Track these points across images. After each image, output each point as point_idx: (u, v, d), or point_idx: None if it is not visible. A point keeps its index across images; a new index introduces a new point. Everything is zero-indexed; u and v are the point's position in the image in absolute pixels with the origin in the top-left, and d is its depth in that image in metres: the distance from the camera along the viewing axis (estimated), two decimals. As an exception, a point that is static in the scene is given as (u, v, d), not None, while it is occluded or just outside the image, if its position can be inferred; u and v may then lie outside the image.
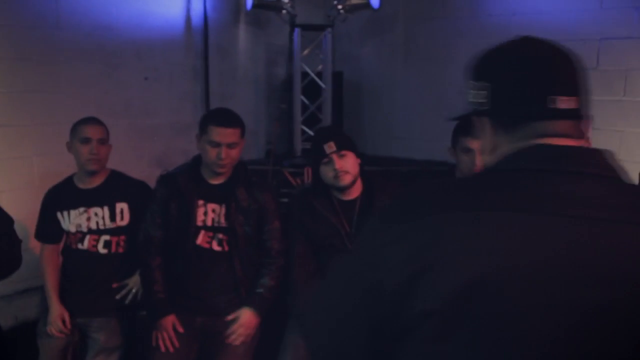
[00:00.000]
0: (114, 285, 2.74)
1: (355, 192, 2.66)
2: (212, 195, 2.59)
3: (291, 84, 4.47)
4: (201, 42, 4.35)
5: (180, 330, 2.57)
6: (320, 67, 4.49)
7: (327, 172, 2.58)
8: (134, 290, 2.76)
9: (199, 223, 2.58)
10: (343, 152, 2.55)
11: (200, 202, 2.59)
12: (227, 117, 2.57)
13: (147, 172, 3.50)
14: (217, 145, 2.50)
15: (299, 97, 4.38)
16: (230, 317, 2.60)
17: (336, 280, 1.06)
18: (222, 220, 2.58)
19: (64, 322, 2.64)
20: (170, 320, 2.57)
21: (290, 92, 4.52)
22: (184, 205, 2.58)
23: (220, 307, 2.61)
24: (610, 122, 3.70)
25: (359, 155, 2.65)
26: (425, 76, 4.61)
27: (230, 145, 2.51)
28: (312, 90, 4.51)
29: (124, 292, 2.75)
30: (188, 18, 4.28)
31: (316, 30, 4.38)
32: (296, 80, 4.34)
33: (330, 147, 2.54)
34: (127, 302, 2.75)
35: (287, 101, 4.67)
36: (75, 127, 2.70)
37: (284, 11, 4.32)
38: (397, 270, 0.91)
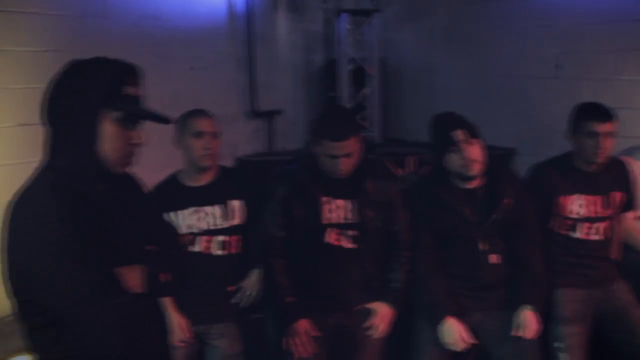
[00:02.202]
0: (231, 289, 2.59)
1: (479, 180, 2.59)
2: (338, 190, 2.47)
3: (334, 71, 4.35)
4: (244, 29, 4.18)
5: (314, 333, 2.45)
6: (361, 54, 4.39)
7: (455, 161, 2.50)
8: (249, 293, 2.61)
9: (326, 221, 2.46)
10: (472, 140, 2.48)
11: (325, 199, 2.46)
12: (340, 130, 2.36)
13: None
14: (334, 157, 2.37)
15: (346, 85, 4.26)
16: (361, 308, 2.51)
17: None
18: (351, 216, 2.46)
19: (183, 329, 2.47)
20: (303, 325, 2.45)
21: (332, 79, 4.41)
22: (308, 203, 2.45)
23: (353, 304, 2.51)
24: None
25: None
26: (468, 61, 4.57)
27: (347, 155, 2.38)
28: (354, 77, 4.40)
29: (240, 295, 2.60)
30: (230, 5, 4.10)
31: (363, 16, 4.27)
32: (342, 67, 4.23)
33: (459, 135, 2.46)
34: (243, 305, 2.60)
35: (325, 89, 4.57)
36: (185, 121, 2.51)
37: (330, -4, 4.20)
38: None
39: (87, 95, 1.46)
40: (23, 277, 1.41)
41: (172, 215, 2.54)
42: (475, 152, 2.48)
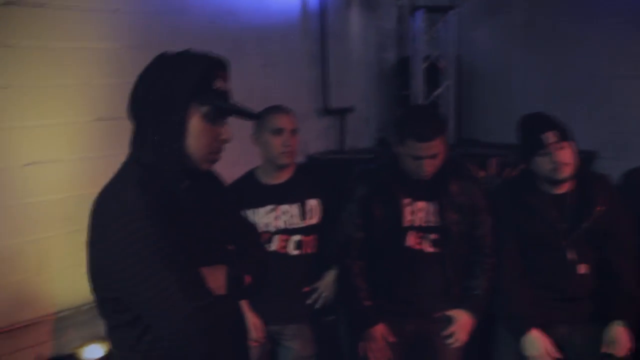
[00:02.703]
0: (306, 289, 2.54)
1: (568, 185, 2.44)
2: (420, 192, 2.38)
3: (407, 69, 4.24)
4: (317, 26, 4.12)
5: (391, 339, 2.37)
6: (436, 51, 4.26)
7: (544, 164, 2.36)
8: (324, 294, 2.55)
9: (407, 223, 2.37)
10: (563, 143, 2.34)
11: (407, 200, 2.37)
12: (427, 130, 2.26)
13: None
14: (419, 158, 2.28)
15: (421, 83, 4.15)
16: (440, 315, 2.42)
17: None
18: (433, 219, 2.37)
19: (257, 329, 2.44)
20: (379, 330, 2.37)
21: (404, 77, 4.31)
22: (389, 204, 2.37)
23: (432, 310, 2.42)
24: None
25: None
26: (548, 59, 4.36)
27: (433, 156, 2.28)
28: (427, 75, 4.28)
29: (315, 296, 2.54)
30: (304, 1, 4.05)
31: (439, 12, 4.14)
32: (417, 65, 4.11)
33: (550, 137, 2.32)
34: (317, 306, 2.54)
35: (398, 87, 4.47)
36: (264, 117, 2.47)
37: (404, -8, 4.09)
38: None
39: (177, 89, 1.43)
40: (106, 275, 1.38)
41: (248, 213, 2.50)
42: (566, 155, 2.34)
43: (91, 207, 1.43)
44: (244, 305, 2.43)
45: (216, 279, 1.46)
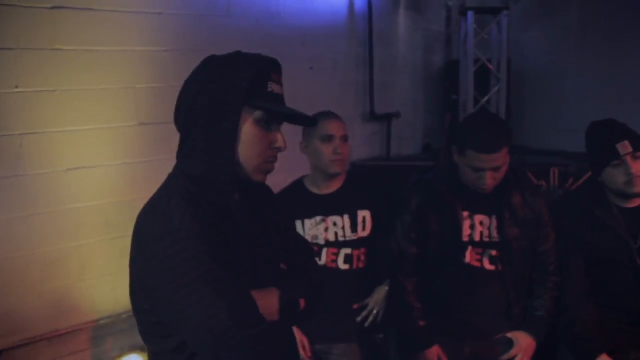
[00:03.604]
0: (355, 306, 2.41)
1: (638, 197, 2.26)
2: (480, 205, 2.22)
3: (454, 72, 4.09)
4: (364, 28, 4.01)
5: (447, 361, 2.23)
6: (487, 55, 4.09)
7: (616, 177, 2.19)
8: (375, 311, 2.42)
9: (465, 238, 2.22)
10: (639, 154, 2.16)
11: (465, 213, 2.22)
12: (490, 140, 2.07)
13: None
14: (481, 170, 2.11)
15: (471, 87, 3.99)
16: (500, 337, 2.26)
17: None
18: (495, 234, 2.21)
19: (304, 348, 2.32)
20: (434, 352, 2.24)
21: (452, 81, 4.15)
22: (447, 217, 2.22)
23: (491, 331, 2.26)
24: None
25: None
26: (605, 61, 4.16)
27: (495, 169, 2.11)
28: (477, 78, 4.11)
29: (365, 313, 2.41)
30: (351, 3, 3.94)
31: (490, 14, 3.97)
32: (468, 69, 3.95)
33: (625, 147, 2.15)
34: (367, 324, 2.41)
35: (446, 91, 4.31)
36: None
37: (455, -6, 3.94)
38: None
39: (229, 92, 1.31)
40: (150, 298, 1.27)
41: (296, 224, 2.40)
42: None
43: (135, 223, 1.33)
44: (291, 322, 2.32)
45: (269, 304, 1.34)
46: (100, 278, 2.90)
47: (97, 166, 2.83)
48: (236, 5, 3.37)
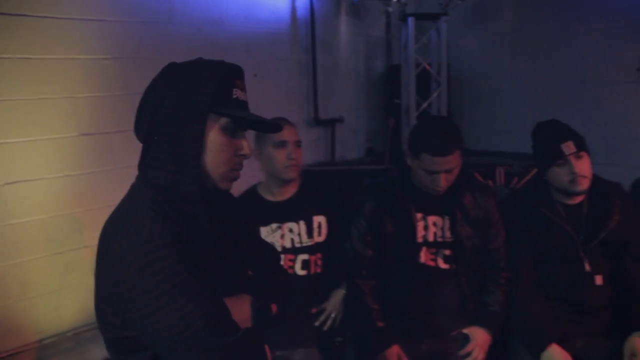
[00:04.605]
0: (313, 311, 2.41)
1: (581, 195, 2.36)
2: (432, 206, 2.27)
3: (395, 77, 4.16)
4: (306, 35, 4.03)
5: (406, 360, 2.26)
6: (427, 59, 4.19)
7: (561, 175, 2.28)
8: (333, 315, 2.42)
9: (420, 239, 2.26)
10: (582, 153, 2.26)
11: (419, 215, 2.26)
12: (443, 143, 2.13)
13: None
14: (434, 172, 2.16)
15: (413, 91, 4.06)
16: (456, 333, 2.32)
17: None
18: (448, 233, 2.26)
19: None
20: (394, 352, 2.26)
21: (393, 86, 4.23)
22: (401, 219, 2.25)
23: (448, 328, 2.31)
24: None
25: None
26: (537, 66, 4.33)
27: (448, 171, 2.17)
28: (418, 83, 4.20)
29: (323, 317, 2.41)
30: (293, 10, 3.95)
31: (429, 19, 4.07)
32: (410, 73, 4.02)
33: (569, 147, 2.24)
34: (325, 328, 2.41)
35: (387, 95, 4.38)
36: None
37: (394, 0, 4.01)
38: None
39: (195, 99, 1.29)
40: (119, 312, 1.23)
41: (251, 231, 2.37)
42: (584, 166, 2.26)
43: (100, 236, 1.29)
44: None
45: (241, 310, 1.33)
46: (42, 296, 2.78)
47: (37, 179, 2.73)
48: (178, 12, 3.31)
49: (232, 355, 1.22)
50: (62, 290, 2.88)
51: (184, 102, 1.29)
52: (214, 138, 1.31)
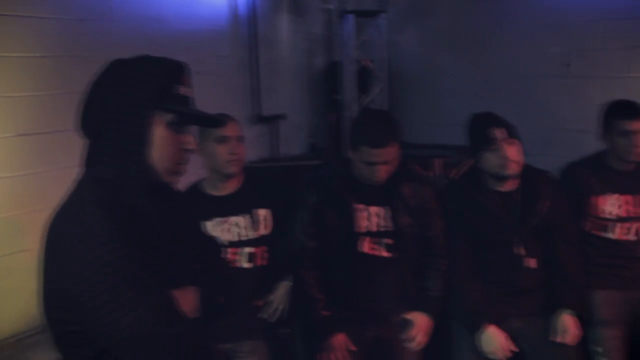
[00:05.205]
0: (259, 303, 2.44)
1: (513, 182, 2.49)
2: (373, 197, 2.35)
3: (337, 73, 4.23)
4: (247, 32, 4.05)
5: (352, 348, 2.32)
6: (366, 56, 4.28)
7: (492, 160, 2.40)
8: (278, 307, 2.46)
9: (362, 229, 2.33)
10: (512, 140, 2.39)
11: (360, 206, 2.34)
12: (380, 136, 2.22)
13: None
14: (372, 164, 2.25)
15: (352, 87, 4.14)
16: (398, 319, 2.40)
17: None
18: (387, 223, 2.35)
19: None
20: (340, 339, 2.32)
21: (335, 82, 4.30)
22: (341, 210, 2.33)
23: (390, 314, 2.40)
24: None
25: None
26: (473, 61, 4.49)
27: (386, 162, 2.26)
28: (358, 79, 4.29)
29: (268, 309, 2.45)
30: (234, 7, 3.97)
31: (367, 16, 4.16)
32: (350, 70, 4.10)
33: (500, 133, 2.37)
34: (271, 320, 2.46)
35: (329, 92, 4.45)
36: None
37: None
38: None
39: (136, 95, 1.31)
40: (68, 307, 1.24)
41: (196, 226, 2.39)
42: (513, 151, 2.39)
43: (47, 234, 1.29)
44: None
45: (188, 301, 1.36)
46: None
47: (-27, 182, 2.66)
48: (117, 9, 3.28)
49: (182, 345, 1.25)
50: (2, 296, 2.81)
51: (128, 98, 1.31)
52: (159, 133, 1.34)
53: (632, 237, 2.68)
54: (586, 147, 2.90)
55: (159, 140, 1.34)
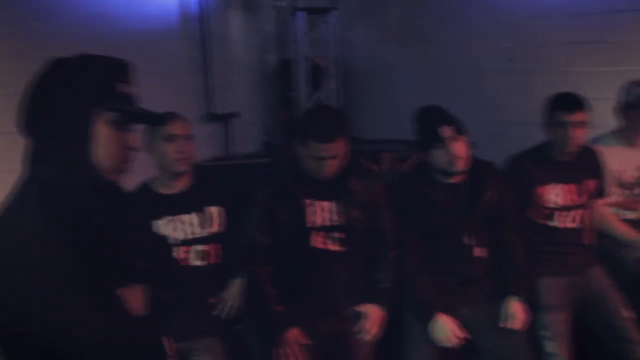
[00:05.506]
0: (212, 301, 2.44)
1: (460, 175, 2.56)
2: (322, 192, 2.37)
3: (289, 71, 4.25)
4: (198, 30, 4.02)
5: (305, 341, 2.34)
6: (318, 53, 4.30)
7: (440, 157, 2.46)
8: (231, 304, 2.47)
9: (311, 224, 2.36)
10: (458, 137, 2.45)
11: (309, 201, 2.36)
12: (328, 131, 2.26)
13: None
14: (321, 159, 2.28)
15: (304, 85, 4.17)
16: (351, 311, 2.43)
17: None
18: (337, 218, 2.37)
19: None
20: (293, 334, 2.33)
21: (288, 79, 4.31)
22: (292, 206, 2.35)
23: (343, 307, 2.42)
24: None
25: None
26: (422, 57, 4.56)
27: (334, 157, 2.29)
28: (310, 76, 4.31)
29: (221, 306, 2.45)
30: (183, 4, 3.93)
31: (319, 14, 4.18)
32: (301, 67, 4.12)
33: (448, 131, 2.42)
34: (224, 317, 2.46)
35: (282, 89, 4.46)
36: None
37: (284, -6, 4.10)
38: None
39: (78, 94, 1.30)
40: (12, 308, 1.23)
41: (146, 226, 2.37)
42: (460, 148, 2.46)
43: None
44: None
45: (135, 299, 1.36)
46: None
47: None
48: (63, 7, 3.20)
49: (129, 342, 1.26)
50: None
51: (70, 97, 1.31)
52: (102, 131, 1.34)
53: (575, 224, 2.78)
54: (533, 139, 2.98)
55: (102, 139, 1.33)
